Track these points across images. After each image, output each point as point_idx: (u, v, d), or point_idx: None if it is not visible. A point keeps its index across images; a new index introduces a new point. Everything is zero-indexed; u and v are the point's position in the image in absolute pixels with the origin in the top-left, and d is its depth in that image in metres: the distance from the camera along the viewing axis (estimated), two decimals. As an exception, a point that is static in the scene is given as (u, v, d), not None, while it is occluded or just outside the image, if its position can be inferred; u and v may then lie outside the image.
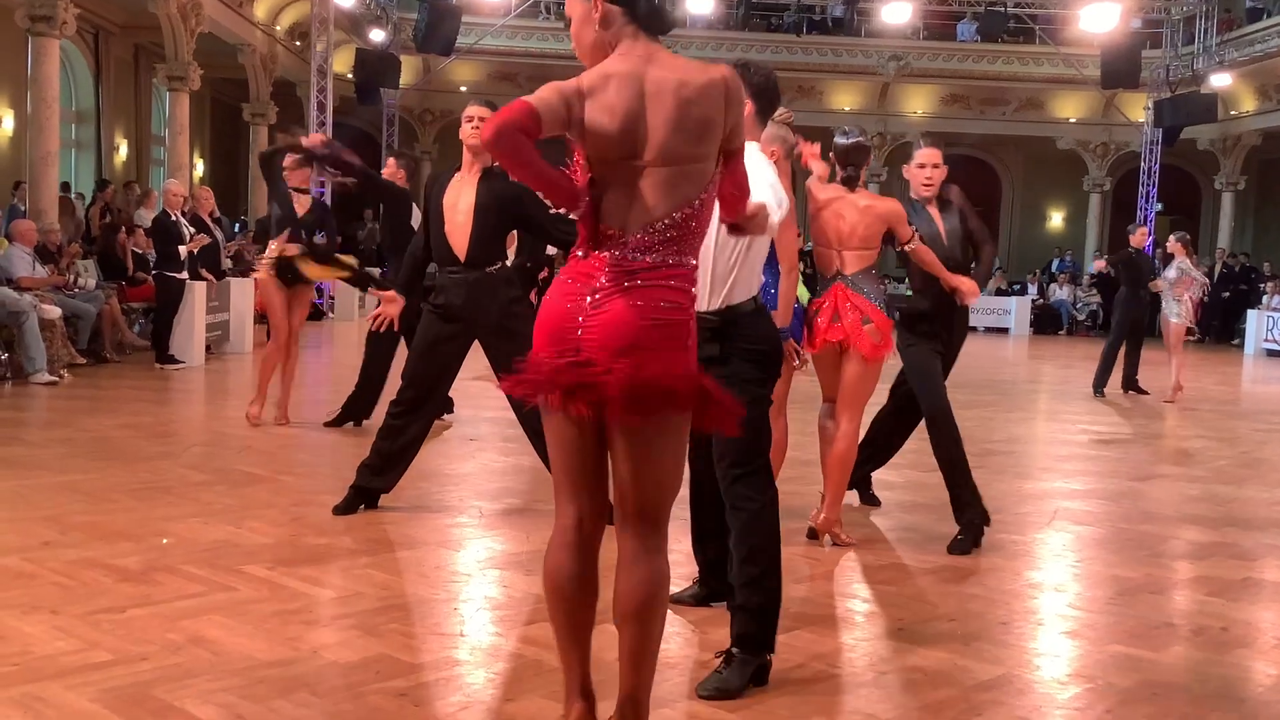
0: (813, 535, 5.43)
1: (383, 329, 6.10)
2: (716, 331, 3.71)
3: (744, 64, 3.76)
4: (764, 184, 3.62)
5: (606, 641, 3.05)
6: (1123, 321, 12.59)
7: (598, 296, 2.76)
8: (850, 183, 5.25)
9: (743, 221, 3.08)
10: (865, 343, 5.18)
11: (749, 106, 3.72)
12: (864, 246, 5.24)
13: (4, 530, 5.08)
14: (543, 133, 2.74)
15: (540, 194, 2.83)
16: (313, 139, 6.83)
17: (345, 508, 5.63)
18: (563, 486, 2.92)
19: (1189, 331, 12.94)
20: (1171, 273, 12.57)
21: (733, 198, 3.00)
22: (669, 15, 2.85)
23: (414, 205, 8.12)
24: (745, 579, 3.65)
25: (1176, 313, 12.50)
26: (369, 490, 5.72)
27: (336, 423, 8.15)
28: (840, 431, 5.31)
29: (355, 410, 8.19)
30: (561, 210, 2.93)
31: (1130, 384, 12.70)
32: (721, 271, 3.73)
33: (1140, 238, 12.86)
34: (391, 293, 5.78)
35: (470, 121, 5.57)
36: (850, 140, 5.30)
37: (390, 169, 8.53)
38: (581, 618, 2.91)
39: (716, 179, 2.86)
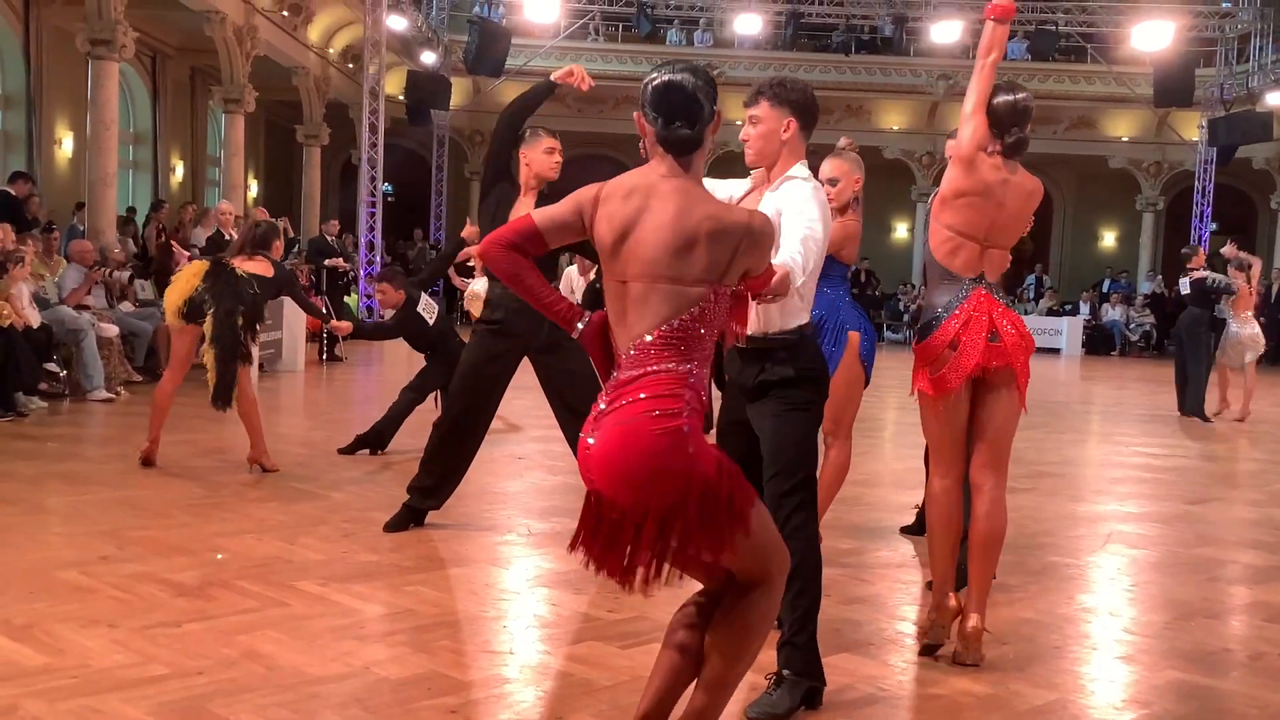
0: (930, 651, 4.14)
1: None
2: (758, 356, 3.63)
3: (779, 81, 3.70)
4: (794, 236, 3.51)
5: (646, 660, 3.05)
6: (1205, 343, 12.43)
7: (593, 428, 2.78)
8: (1016, 150, 4.15)
9: (764, 295, 3.15)
10: (1027, 370, 4.11)
11: (793, 123, 3.64)
12: (1012, 244, 4.25)
13: (63, 545, 5.17)
14: (548, 246, 2.91)
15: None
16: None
17: (396, 525, 5.68)
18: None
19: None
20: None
21: (755, 292, 3.07)
22: (683, 139, 2.82)
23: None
24: (796, 613, 3.57)
25: (1251, 335, 12.40)
26: (420, 510, 5.76)
27: (350, 450, 7.89)
28: (989, 500, 4.07)
29: (370, 440, 7.93)
30: None
31: (1195, 409, 12.48)
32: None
33: (1201, 259, 12.75)
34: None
35: (551, 154, 5.62)
36: (1016, 96, 4.18)
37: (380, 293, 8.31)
38: (667, 663, 2.95)
39: (710, 301, 2.80)
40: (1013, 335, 4.03)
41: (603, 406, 2.79)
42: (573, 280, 12.20)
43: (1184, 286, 12.67)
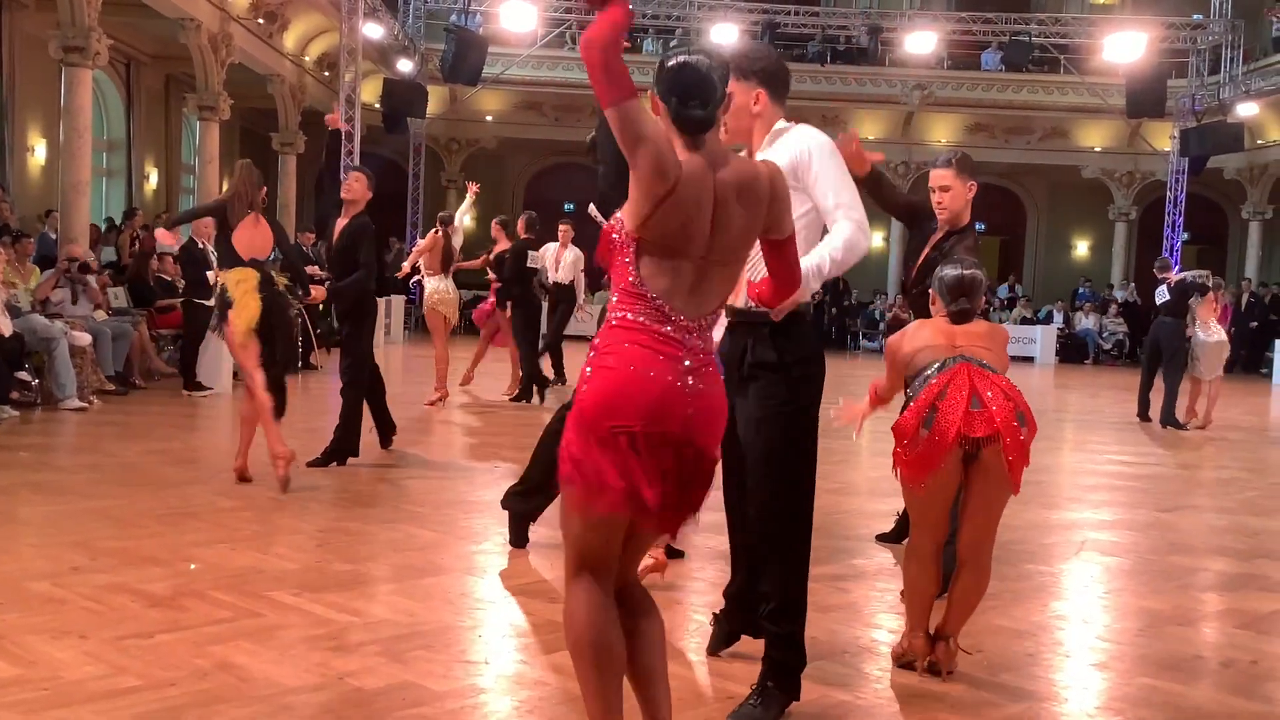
0: (908, 664, 4.13)
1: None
2: (744, 331, 3.54)
3: (741, 53, 3.63)
4: (838, 229, 3.49)
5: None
6: (1183, 353, 12.57)
7: (693, 380, 2.84)
8: (961, 319, 4.05)
9: (775, 305, 3.29)
10: (1021, 447, 3.78)
11: (762, 94, 3.57)
12: (991, 349, 4.01)
13: (34, 555, 5.13)
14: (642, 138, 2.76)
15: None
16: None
17: (516, 540, 5.61)
18: (599, 566, 2.89)
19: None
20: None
21: (782, 284, 3.15)
22: (696, 119, 2.86)
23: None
24: (783, 633, 3.53)
25: (1218, 343, 12.68)
26: (524, 518, 5.64)
27: (322, 462, 7.61)
28: (974, 571, 3.96)
29: (342, 451, 7.69)
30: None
31: (1169, 418, 12.52)
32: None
33: (1172, 274, 12.93)
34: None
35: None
36: (963, 271, 4.09)
37: (355, 181, 8.05)
38: (620, 669, 2.92)
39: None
40: (1001, 403, 3.75)
41: (688, 363, 2.83)
42: (546, 255, 12.23)
43: (1161, 294, 12.76)
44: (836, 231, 3.53)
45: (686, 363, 2.83)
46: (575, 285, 12.62)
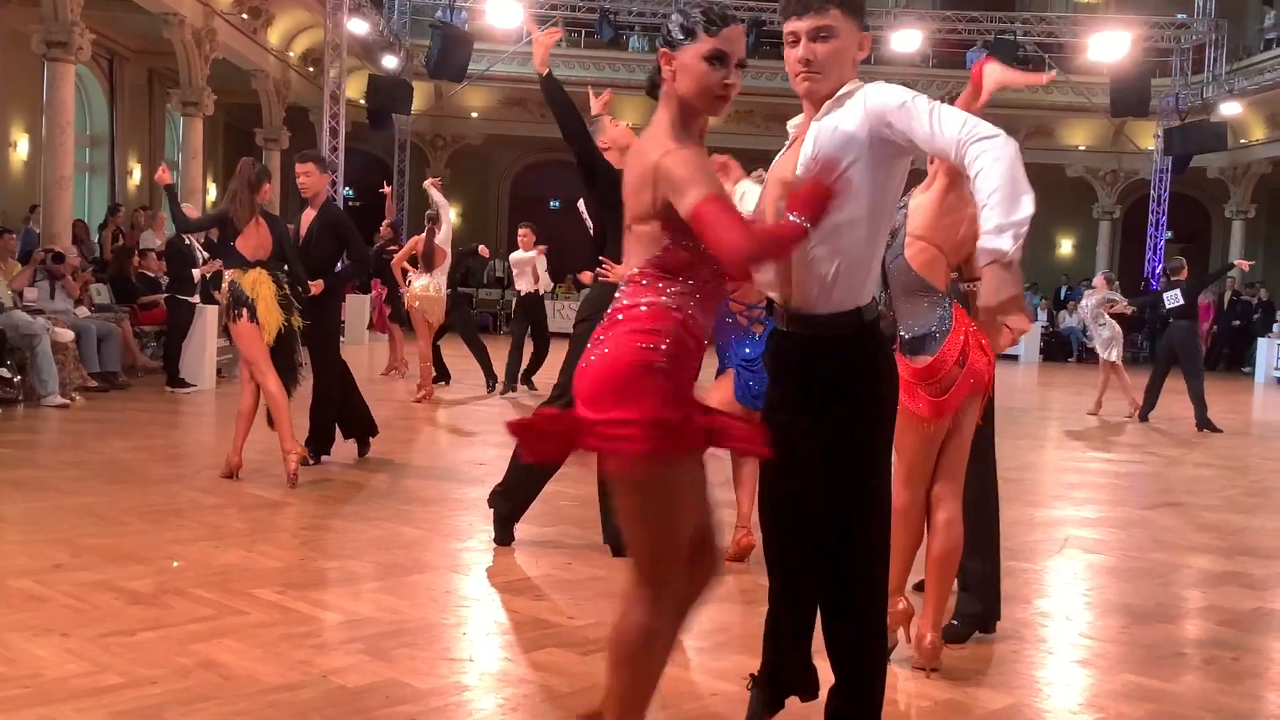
0: (890, 651, 3.86)
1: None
2: (802, 344, 2.85)
3: None
4: (993, 169, 2.78)
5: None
6: (1200, 354, 12.72)
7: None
8: None
9: (815, 204, 2.57)
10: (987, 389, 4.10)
11: (867, 40, 2.90)
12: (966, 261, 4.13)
13: (16, 552, 5.10)
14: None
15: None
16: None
17: (501, 538, 5.62)
18: (681, 552, 2.79)
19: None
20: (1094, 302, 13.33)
21: (737, 240, 2.60)
22: (650, 83, 2.84)
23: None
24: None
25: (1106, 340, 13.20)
26: (508, 517, 5.65)
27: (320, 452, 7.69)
28: (948, 514, 4.04)
29: (320, 444, 7.72)
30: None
31: (1204, 422, 12.41)
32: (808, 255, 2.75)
33: (1186, 271, 13.02)
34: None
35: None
36: None
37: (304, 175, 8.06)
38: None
39: (668, 240, 2.70)
40: (985, 358, 3.98)
41: (601, 338, 2.76)
42: (519, 263, 12.67)
43: (1172, 299, 12.70)
44: (978, 160, 2.76)
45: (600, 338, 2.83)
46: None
